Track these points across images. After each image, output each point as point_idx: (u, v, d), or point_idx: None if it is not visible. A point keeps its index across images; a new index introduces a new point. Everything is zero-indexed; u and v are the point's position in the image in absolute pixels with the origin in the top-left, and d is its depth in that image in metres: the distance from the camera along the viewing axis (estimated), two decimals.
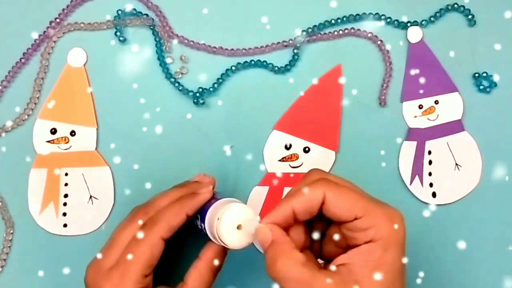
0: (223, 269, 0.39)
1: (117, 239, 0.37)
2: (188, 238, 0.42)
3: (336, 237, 0.34)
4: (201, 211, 0.38)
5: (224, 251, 0.38)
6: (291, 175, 0.46)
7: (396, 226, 0.32)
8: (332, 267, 0.32)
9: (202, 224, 0.37)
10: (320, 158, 0.46)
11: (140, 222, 0.37)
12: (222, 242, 0.35)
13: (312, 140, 0.46)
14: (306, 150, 0.46)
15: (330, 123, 0.46)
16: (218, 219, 0.35)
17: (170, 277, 0.40)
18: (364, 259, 0.32)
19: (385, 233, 0.32)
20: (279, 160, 0.46)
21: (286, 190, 0.46)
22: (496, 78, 0.47)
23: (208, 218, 0.36)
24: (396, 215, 0.33)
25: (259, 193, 0.46)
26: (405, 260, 0.32)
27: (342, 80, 0.47)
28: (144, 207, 0.38)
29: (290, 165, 0.46)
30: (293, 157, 0.46)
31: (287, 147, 0.46)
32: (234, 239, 0.35)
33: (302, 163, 0.46)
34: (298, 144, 0.46)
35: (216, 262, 0.37)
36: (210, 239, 0.37)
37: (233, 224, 0.35)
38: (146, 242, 0.35)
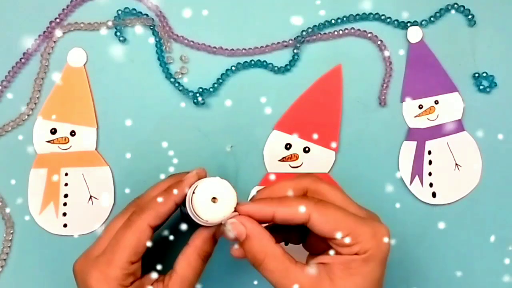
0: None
1: (107, 230, 0.38)
2: (181, 227, 0.42)
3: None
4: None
5: (213, 238, 0.37)
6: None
7: (383, 240, 0.33)
8: (311, 265, 0.34)
9: (186, 208, 0.37)
10: (320, 158, 0.46)
11: (130, 212, 0.37)
12: (198, 216, 0.35)
13: (312, 140, 0.46)
14: (306, 150, 0.46)
15: (330, 123, 0.46)
16: (193, 193, 0.35)
17: (163, 267, 0.40)
18: (345, 265, 0.33)
19: (369, 248, 0.33)
20: (279, 160, 0.46)
21: None
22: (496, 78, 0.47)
23: (187, 197, 0.36)
24: (380, 230, 0.34)
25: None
26: (383, 273, 0.34)
27: (342, 80, 0.47)
28: (135, 201, 0.39)
29: (290, 165, 0.46)
30: (293, 157, 0.46)
31: (287, 147, 0.46)
32: (210, 212, 0.34)
33: (302, 163, 0.46)
34: (298, 144, 0.46)
35: (204, 248, 0.37)
36: (195, 224, 0.37)
37: (207, 196, 0.34)
38: (132, 228, 0.36)
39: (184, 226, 0.36)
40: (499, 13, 0.48)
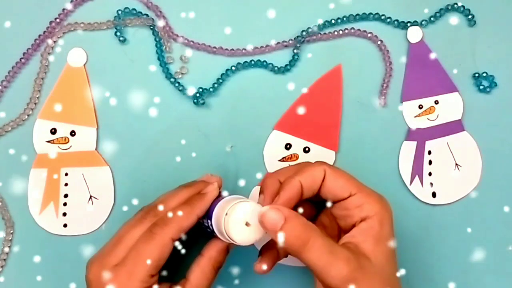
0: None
1: (124, 237, 0.37)
2: (193, 236, 0.42)
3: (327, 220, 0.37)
4: (208, 209, 0.38)
5: (226, 249, 0.38)
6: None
7: (388, 204, 0.35)
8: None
9: (209, 221, 0.37)
10: (320, 158, 0.46)
11: (149, 222, 0.37)
12: (230, 238, 0.35)
13: (312, 140, 0.46)
14: (306, 150, 0.46)
15: (330, 123, 0.46)
16: (226, 214, 0.35)
17: (173, 274, 0.40)
18: (366, 234, 0.34)
19: (378, 208, 0.35)
20: (279, 160, 0.46)
21: None
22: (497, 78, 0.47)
23: (216, 215, 0.36)
24: (384, 199, 0.36)
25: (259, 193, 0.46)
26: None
27: (342, 80, 0.47)
28: (153, 208, 0.38)
29: (290, 165, 0.46)
30: (293, 157, 0.46)
31: (287, 147, 0.46)
32: (242, 235, 0.35)
33: None
34: (298, 144, 0.46)
35: (219, 259, 0.37)
36: (215, 236, 0.37)
37: (241, 220, 0.35)
38: (156, 242, 0.35)
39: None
40: (499, 13, 0.48)
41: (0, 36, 0.48)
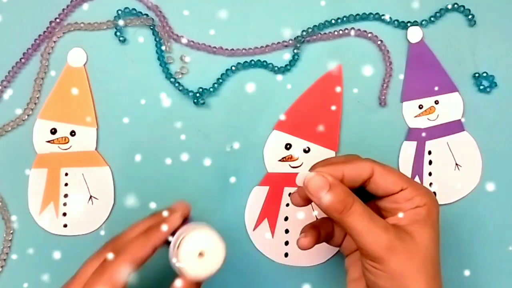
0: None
1: (81, 273, 0.35)
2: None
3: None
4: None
5: (197, 285, 0.35)
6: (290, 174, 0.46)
7: (435, 197, 0.36)
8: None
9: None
10: (320, 158, 0.46)
11: (108, 255, 0.34)
12: (184, 271, 0.33)
13: (312, 140, 0.46)
14: (306, 150, 0.46)
15: (330, 123, 0.46)
16: (177, 247, 0.33)
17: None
18: (411, 219, 0.35)
19: (428, 200, 0.35)
20: (279, 160, 0.46)
21: (287, 190, 0.46)
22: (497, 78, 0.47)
23: (171, 245, 0.34)
24: (431, 192, 0.37)
25: (259, 193, 0.46)
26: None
27: (342, 80, 0.47)
28: (113, 241, 0.36)
29: (290, 165, 0.46)
30: (293, 157, 0.46)
31: (287, 147, 0.46)
32: (195, 268, 0.33)
33: (302, 163, 0.46)
34: (298, 144, 0.46)
35: None
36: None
37: (193, 251, 0.33)
38: (106, 276, 0.33)
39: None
40: (499, 13, 0.48)
41: (0, 36, 0.48)
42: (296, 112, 0.47)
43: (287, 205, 0.46)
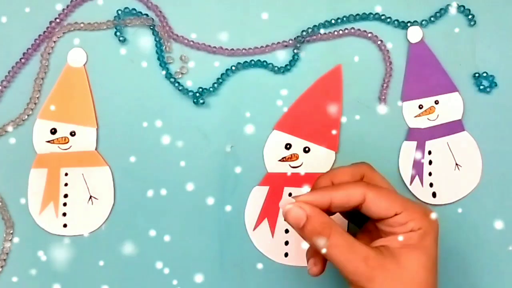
0: None
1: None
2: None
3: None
4: None
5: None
6: (289, 174, 0.46)
7: (433, 219, 0.35)
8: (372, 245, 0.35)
9: None
10: (320, 158, 0.46)
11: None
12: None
13: (312, 140, 0.46)
14: (306, 150, 0.46)
15: (330, 123, 0.46)
16: None
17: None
18: (402, 242, 0.34)
19: (423, 224, 0.34)
20: (279, 160, 0.46)
21: (287, 190, 0.46)
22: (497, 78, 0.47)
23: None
24: (429, 212, 0.35)
25: (259, 193, 0.46)
26: (437, 252, 0.35)
27: (342, 80, 0.47)
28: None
29: (290, 165, 0.46)
30: (293, 157, 0.46)
31: (287, 147, 0.46)
32: None
33: (302, 163, 0.46)
34: (298, 144, 0.46)
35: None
36: None
37: None
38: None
39: None
40: (499, 13, 0.48)
41: (0, 36, 0.48)
42: (296, 112, 0.47)
43: None
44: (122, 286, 0.46)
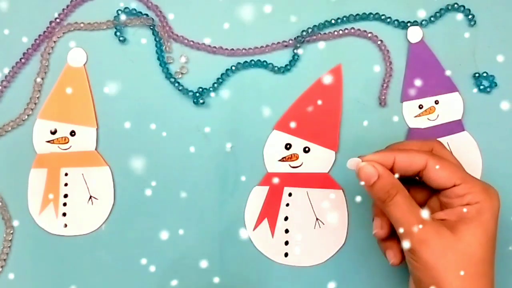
0: None
1: None
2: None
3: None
4: None
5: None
6: (290, 173, 0.46)
7: (494, 196, 0.36)
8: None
9: None
10: (320, 158, 0.46)
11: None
12: None
13: (312, 140, 0.46)
14: (306, 150, 0.46)
15: (330, 123, 0.46)
16: None
17: None
18: (459, 216, 0.35)
19: (481, 199, 0.35)
20: (279, 160, 0.46)
21: (287, 190, 0.46)
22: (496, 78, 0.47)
23: None
24: (493, 191, 0.36)
25: (259, 193, 0.46)
26: (496, 229, 0.36)
27: (342, 80, 0.47)
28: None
29: (290, 165, 0.46)
30: (293, 157, 0.46)
31: (287, 147, 0.46)
32: None
33: (302, 163, 0.46)
34: (298, 144, 0.46)
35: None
36: None
37: None
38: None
39: None
40: (499, 13, 0.48)
41: (0, 36, 0.48)
42: (296, 112, 0.47)
43: (287, 205, 0.46)
44: (122, 286, 0.46)
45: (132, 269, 0.46)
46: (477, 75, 0.47)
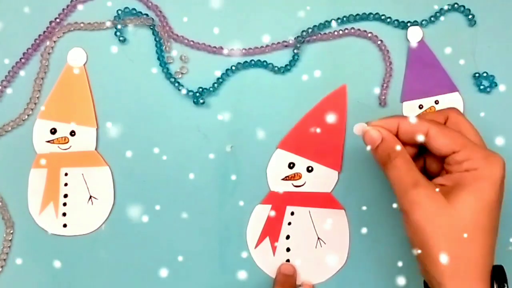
0: None
1: None
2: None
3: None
4: None
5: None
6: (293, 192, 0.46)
7: (496, 163, 0.35)
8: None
9: None
10: (323, 177, 0.46)
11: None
12: None
13: (315, 159, 0.46)
14: (309, 169, 0.46)
15: (333, 143, 0.46)
16: None
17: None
18: (455, 181, 0.36)
19: (479, 166, 0.35)
20: (282, 179, 0.46)
21: (289, 209, 0.46)
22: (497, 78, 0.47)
23: None
24: (495, 158, 0.36)
25: (261, 211, 0.46)
26: (497, 197, 0.35)
27: (346, 100, 0.47)
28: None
29: (293, 184, 0.46)
30: (296, 176, 0.46)
31: (291, 166, 0.46)
32: None
33: (305, 182, 0.46)
34: (302, 163, 0.46)
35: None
36: None
37: None
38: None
39: None
40: (499, 13, 0.48)
41: (0, 36, 0.48)
42: (300, 131, 0.46)
43: (289, 223, 0.46)
44: (122, 286, 0.46)
45: (132, 269, 0.46)
46: (477, 75, 0.47)
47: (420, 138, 0.37)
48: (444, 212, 0.34)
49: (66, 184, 0.46)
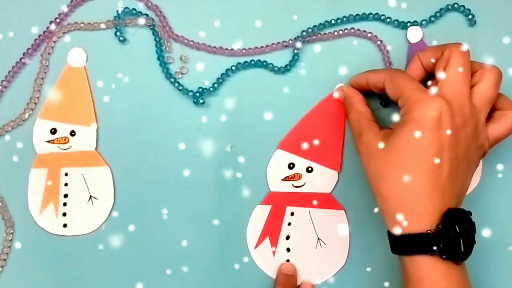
0: None
1: None
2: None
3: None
4: None
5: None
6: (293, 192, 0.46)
7: (428, 107, 0.37)
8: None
9: None
10: (323, 178, 0.46)
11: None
12: None
13: (315, 160, 0.46)
14: (309, 170, 0.46)
15: (333, 144, 0.46)
16: None
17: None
18: (394, 125, 0.39)
19: (410, 111, 0.37)
20: (282, 179, 0.46)
21: (289, 209, 0.46)
22: None
23: None
24: (430, 101, 0.37)
25: (261, 212, 0.46)
26: (428, 140, 0.36)
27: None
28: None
29: (293, 185, 0.46)
30: (296, 177, 0.46)
31: (290, 167, 0.46)
32: None
33: (305, 183, 0.46)
34: (302, 163, 0.46)
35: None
36: None
37: None
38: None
39: None
40: (499, 13, 0.48)
41: (0, 36, 0.48)
42: (299, 131, 0.46)
43: (289, 224, 0.46)
44: (122, 286, 0.46)
45: (132, 269, 0.46)
46: None
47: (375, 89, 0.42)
48: (377, 155, 0.38)
49: (66, 184, 0.46)
